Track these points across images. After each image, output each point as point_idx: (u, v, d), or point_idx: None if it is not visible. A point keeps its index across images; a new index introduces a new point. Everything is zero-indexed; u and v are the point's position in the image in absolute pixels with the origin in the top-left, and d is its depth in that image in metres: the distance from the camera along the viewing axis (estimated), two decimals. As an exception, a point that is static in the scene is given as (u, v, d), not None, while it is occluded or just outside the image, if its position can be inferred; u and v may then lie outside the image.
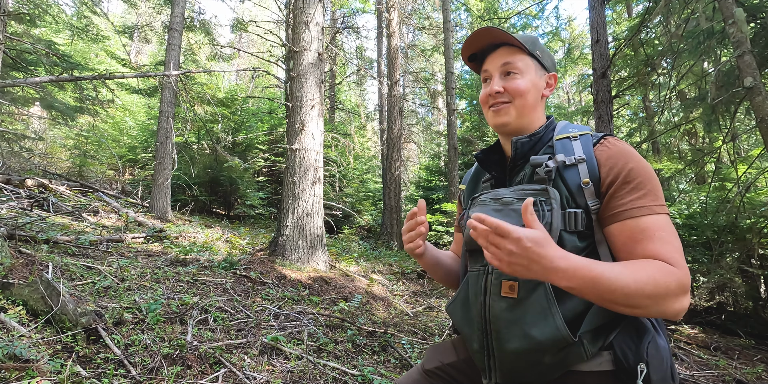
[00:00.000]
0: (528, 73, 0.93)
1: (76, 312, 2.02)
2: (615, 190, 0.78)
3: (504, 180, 0.97)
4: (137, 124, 11.22)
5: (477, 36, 0.94)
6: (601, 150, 0.83)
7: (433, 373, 1.00)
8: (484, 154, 1.01)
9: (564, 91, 19.03)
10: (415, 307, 4.19)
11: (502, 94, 0.92)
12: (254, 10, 22.85)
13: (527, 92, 0.92)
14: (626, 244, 0.75)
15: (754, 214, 4.23)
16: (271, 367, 2.19)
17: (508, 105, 0.92)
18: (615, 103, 5.86)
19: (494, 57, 0.95)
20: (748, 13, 3.80)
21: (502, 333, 0.80)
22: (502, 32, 0.91)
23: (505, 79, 0.93)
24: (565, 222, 0.79)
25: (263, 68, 10.43)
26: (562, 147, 0.86)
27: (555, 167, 0.83)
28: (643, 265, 0.70)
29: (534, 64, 0.95)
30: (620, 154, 0.81)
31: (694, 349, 3.62)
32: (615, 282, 0.65)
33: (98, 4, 8.93)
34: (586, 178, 0.80)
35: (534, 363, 0.77)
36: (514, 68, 0.93)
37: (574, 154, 0.84)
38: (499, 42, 0.95)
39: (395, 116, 10.82)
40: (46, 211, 5.07)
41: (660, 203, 0.76)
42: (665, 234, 0.73)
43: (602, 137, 0.86)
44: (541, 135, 0.93)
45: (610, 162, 0.80)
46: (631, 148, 0.83)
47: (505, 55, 0.94)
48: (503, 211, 0.85)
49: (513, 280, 0.81)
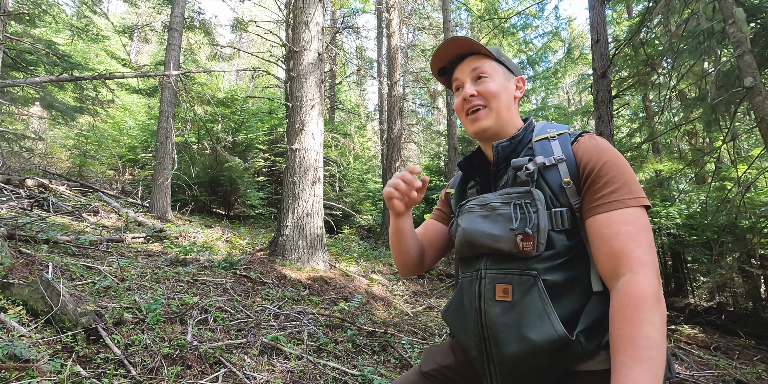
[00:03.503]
0: (497, 76, 0.96)
1: (76, 312, 2.02)
2: (589, 185, 0.79)
3: (489, 185, 0.98)
4: (137, 124, 11.21)
5: (444, 47, 0.98)
6: (577, 147, 0.84)
7: (430, 376, 1.00)
8: (466, 162, 1.03)
9: (564, 91, 19.02)
10: (415, 307, 4.19)
11: (476, 97, 0.94)
12: (254, 10, 22.85)
13: (500, 93, 0.95)
14: (596, 241, 0.76)
15: (754, 214, 4.24)
16: (271, 367, 2.19)
17: (484, 110, 0.94)
18: (615, 103, 5.86)
19: (462, 66, 0.99)
20: (748, 13, 3.80)
21: (499, 338, 0.80)
22: (468, 40, 0.95)
23: (476, 83, 0.96)
24: (552, 221, 0.80)
25: (263, 68, 10.43)
26: (542, 148, 0.88)
27: (536, 169, 0.84)
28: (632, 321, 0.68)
29: (501, 68, 0.98)
30: (594, 149, 0.82)
31: (694, 349, 3.62)
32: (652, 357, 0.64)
33: (98, 4, 8.93)
34: (566, 178, 0.81)
35: (533, 366, 0.77)
36: (483, 72, 0.96)
37: (553, 154, 0.85)
38: (467, 51, 0.98)
39: (395, 116, 10.83)
40: (46, 211, 5.07)
41: (634, 196, 0.76)
42: (632, 228, 0.73)
43: (579, 135, 0.87)
44: (520, 137, 0.94)
45: (585, 157, 0.82)
46: (607, 143, 0.84)
47: (473, 62, 0.97)
48: (490, 217, 0.86)
49: (506, 284, 0.81)
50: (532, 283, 0.78)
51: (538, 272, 0.78)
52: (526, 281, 0.79)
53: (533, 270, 0.78)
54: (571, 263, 0.79)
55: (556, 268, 0.78)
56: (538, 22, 15.95)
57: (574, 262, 0.79)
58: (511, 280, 0.81)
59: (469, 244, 0.89)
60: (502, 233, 0.82)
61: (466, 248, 0.90)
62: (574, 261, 0.80)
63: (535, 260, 0.79)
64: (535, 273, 0.78)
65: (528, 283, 0.78)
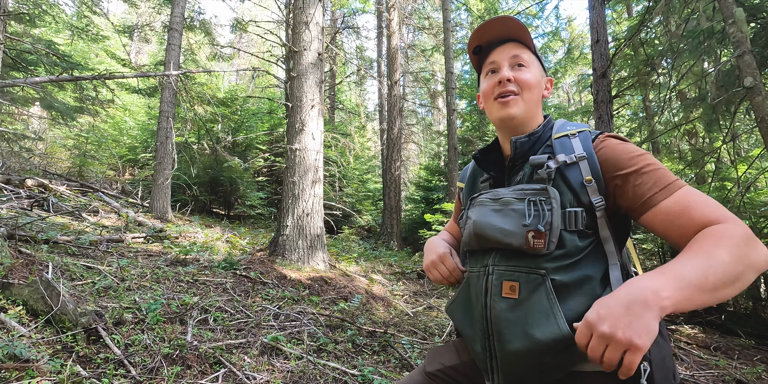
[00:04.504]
0: (535, 69, 0.95)
1: (76, 312, 2.02)
2: (631, 183, 0.77)
3: (503, 179, 0.96)
4: (137, 124, 11.22)
5: (491, 25, 0.94)
6: (600, 146, 0.83)
7: (434, 376, 0.99)
8: (482, 154, 1.01)
9: (564, 91, 19.02)
10: (415, 307, 4.19)
11: (512, 83, 0.92)
12: (254, 10, 22.84)
13: (535, 86, 0.93)
14: (670, 225, 0.74)
15: (754, 214, 4.23)
16: (271, 367, 2.19)
17: (516, 97, 0.92)
18: (615, 103, 5.86)
19: (503, 49, 0.95)
20: (748, 13, 3.80)
21: (503, 334, 0.79)
22: (518, 24, 0.92)
23: (514, 70, 0.93)
24: (565, 221, 0.79)
25: (263, 68, 10.42)
26: (561, 146, 0.86)
27: (556, 167, 0.83)
28: (702, 241, 0.68)
29: (537, 63, 0.96)
30: (618, 146, 0.82)
31: (694, 349, 3.62)
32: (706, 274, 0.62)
33: (98, 4, 8.92)
34: (588, 176, 0.80)
35: (536, 364, 0.77)
36: (524, 61, 0.93)
37: (574, 151, 0.84)
38: (512, 37, 0.95)
39: (395, 116, 10.83)
40: (46, 211, 5.07)
41: (673, 179, 0.76)
42: (696, 198, 0.73)
43: (600, 133, 0.87)
44: (539, 134, 0.93)
45: (608, 155, 0.81)
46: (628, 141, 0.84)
47: (514, 49, 0.94)
48: (503, 211, 0.85)
49: (514, 281, 0.80)
50: (539, 281, 0.77)
51: (546, 271, 0.77)
52: (533, 279, 0.78)
53: (542, 269, 0.78)
54: (582, 264, 0.79)
55: (566, 268, 0.78)
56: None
57: (585, 264, 0.79)
58: (518, 277, 0.80)
59: (478, 237, 0.88)
60: (513, 228, 0.81)
61: (475, 241, 0.89)
62: (585, 262, 0.79)
63: (545, 259, 0.78)
64: (543, 272, 0.78)
65: (536, 281, 0.78)
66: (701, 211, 0.71)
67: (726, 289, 0.62)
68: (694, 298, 0.61)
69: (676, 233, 0.73)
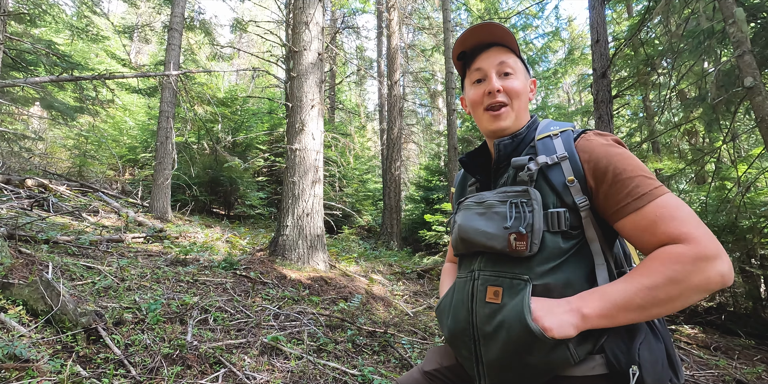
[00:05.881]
0: (520, 74, 0.94)
1: (76, 312, 2.02)
2: (608, 187, 0.76)
3: (489, 183, 0.96)
4: (137, 124, 11.21)
5: (475, 32, 0.92)
6: (582, 145, 0.82)
7: (432, 375, 1.00)
8: (468, 158, 1.01)
9: (564, 91, 19.02)
10: (415, 307, 4.19)
11: (501, 93, 0.91)
12: (254, 10, 22.85)
13: (523, 93, 0.92)
14: (636, 239, 0.75)
15: (754, 214, 4.23)
16: (271, 367, 2.19)
17: (506, 108, 0.91)
18: (615, 103, 5.86)
19: (488, 55, 0.93)
20: (748, 13, 3.80)
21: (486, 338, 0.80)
22: (502, 29, 0.90)
23: (502, 78, 0.92)
24: (548, 222, 0.78)
25: (263, 68, 10.42)
26: (544, 146, 0.86)
27: (537, 169, 0.82)
28: (647, 263, 0.71)
29: (522, 66, 0.95)
30: (599, 147, 0.80)
31: (694, 349, 3.62)
32: (629, 295, 0.69)
33: (98, 4, 8.93)
34: (570, 176, 0.79)
35: (519, 366, 0.76)
36: (510, 68, 0.92)
37: (555, 152, 0.83)
38: (497, 41, 0.93)
39: (395, 116, 10.83)
40: (46, 211, 5.07)
41: (654, 186, 0.73)
42: (664, 212, 0.71)
43: (582, 132, 0.86)
44: (523, 135, 0.92)
45: (590, 156, 0.79)
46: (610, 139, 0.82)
47: (500, 55, 0.92)
48: (486, 215, 0.85)
49: (498, 286, 0.80)
50: (522, 287, 0.77)
51: (530, 277, 0.77)
52: (516, 285, 0.78)
53: (525, 274, 0.78)
54: (566, 267, 0.78)
55: (549, 272, 0.77)
56: (538, 22, 15.96)
57: (569, 266, 0.78)
58: (502, 283, 0.80)
59: (463, 241, 0.89)
60: (495, 231, 0.81)
61: (461, 245, 0.90)
62: (570, 264, 0.78)
63: (529, 263, 0.78)
64: (527, 277, 0.77)
65: (518, 287, 0.78)
66: (664, 228, 0.70)
67: (657, 309, 0.68)
68: (617, 315, 0.69)
69: (640, 246, 0.76)
